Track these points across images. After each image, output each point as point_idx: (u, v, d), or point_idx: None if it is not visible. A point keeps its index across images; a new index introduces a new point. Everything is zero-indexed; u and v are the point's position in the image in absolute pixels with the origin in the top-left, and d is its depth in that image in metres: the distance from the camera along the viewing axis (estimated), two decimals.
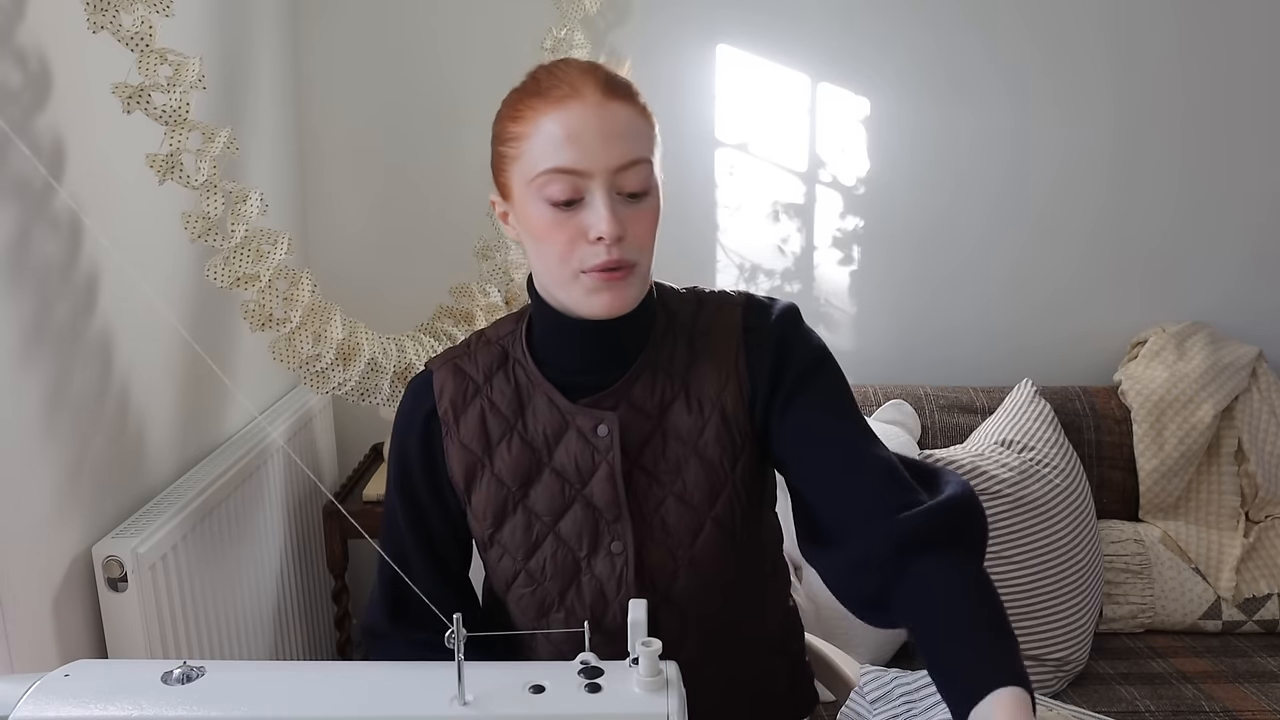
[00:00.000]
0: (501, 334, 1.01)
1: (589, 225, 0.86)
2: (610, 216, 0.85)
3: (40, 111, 1.19)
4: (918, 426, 1.96)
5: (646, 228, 0.89)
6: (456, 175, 2.10)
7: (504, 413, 0.97)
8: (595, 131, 0.85)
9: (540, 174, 0.86)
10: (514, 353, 0.99)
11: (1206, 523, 1.94)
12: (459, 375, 0.98)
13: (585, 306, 0.89)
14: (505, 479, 0.96)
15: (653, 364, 0.96)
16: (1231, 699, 1.65)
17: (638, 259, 0.89)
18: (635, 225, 0.87)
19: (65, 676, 0.71)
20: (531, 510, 0.96)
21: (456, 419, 0.97)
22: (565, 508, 0.95)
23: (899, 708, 1.15)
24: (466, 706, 0.68)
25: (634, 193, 0.87)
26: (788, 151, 2.13)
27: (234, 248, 1.35)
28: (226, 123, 1.45)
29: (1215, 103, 2.12)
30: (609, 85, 0.87)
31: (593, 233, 0.86)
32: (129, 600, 1.27)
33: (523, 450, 0.96)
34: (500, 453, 0.96)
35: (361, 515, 1.82)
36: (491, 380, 0.98)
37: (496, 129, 0.93)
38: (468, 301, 1.88)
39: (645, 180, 0.88)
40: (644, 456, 0.95)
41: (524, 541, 0.96)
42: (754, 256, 2.17)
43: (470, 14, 2.05)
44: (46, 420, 1.20)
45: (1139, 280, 2.20)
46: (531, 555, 0.96)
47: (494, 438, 0.96)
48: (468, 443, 0.97)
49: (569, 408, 0.95)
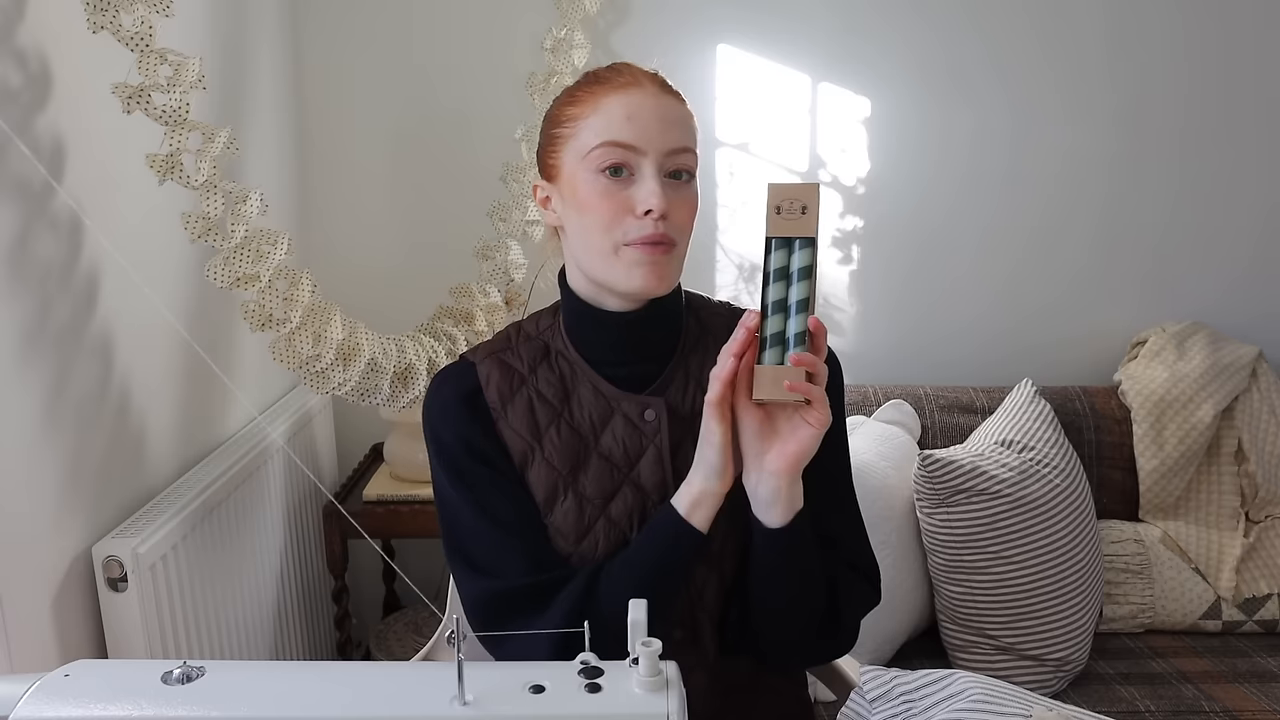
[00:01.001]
0: (541, 329, 1.04)
1: (638, 200, 0.92)
2: (660, 191, 0.91)
3: (40, 111, 1.19)
4: (918, 426, 1.96)
5: (688, 212, 0.95)
6: (457, 175, 2.10)
7: (551, 401, 0.99)
8: (653, 114, 0.92)
9: (597, 146, 0.92)
10: (555, 345, 1.02)
11: (1206, 523, 1.94)
12: (504, 368, 1.01)
13: (625, 281, 0.93)
14: (555, 463, 0.98)
15: (684, 368, 1.01)
16: (1232, 699, 1.65)
17: (678, 239, 0.94)
18: (678, 208, 0.93)
19: (65, 676, 0.71)
20: (582, 494, 0.97)
21: (504, 407, 0.99)
22: (614, 490, 0.97)
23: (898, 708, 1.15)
24: (466, 706, 0.68)
25: (681, 176, 0.94)
26: (788, 151, 2.13)
27: (234, 248, 1.35)
28: (226, 123, 1.45)
29: (1216, 102, 2.12)
30: (666, 84, 0.96)
31: (641, 206, 0.91)
32: (129, 600, 1.27)
33: (571, 435, 0.98)
34: (550, 438, 0.98)
35: (361, 516, 1.82)
36: (537, 372, 1.01)
37: (552, 115, 0.99)
38: (468, 301, 1.88)
39: (691, 169, 0.95)
40: (676, 458, 0.98)
41: (576, 524, 0.97)
42: (754, 256, 2.17)
43: (470, 14, 2.05)
44: (47, 420, 1.20)
45: (1139, 280, 2.20)
46: (584, 538, 0.97)
47: (543, 425, 0.99)
48: (518, 430, 0.99)
49: (614, 394, 0.99)
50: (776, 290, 0.89)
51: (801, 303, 0.88)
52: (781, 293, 0.89)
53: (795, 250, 0.90)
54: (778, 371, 0.86)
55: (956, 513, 1.73)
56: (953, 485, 1.73)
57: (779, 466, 0.89)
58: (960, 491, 1.73)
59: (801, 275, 0.89)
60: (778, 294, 0.89)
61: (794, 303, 0.89)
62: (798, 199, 0.89)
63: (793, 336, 0.88)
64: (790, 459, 0.88)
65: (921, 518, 1.78)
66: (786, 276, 0.90)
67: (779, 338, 0.88)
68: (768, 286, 0.90)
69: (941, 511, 1.74)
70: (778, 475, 0.89)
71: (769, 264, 0.90)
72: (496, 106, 2.05)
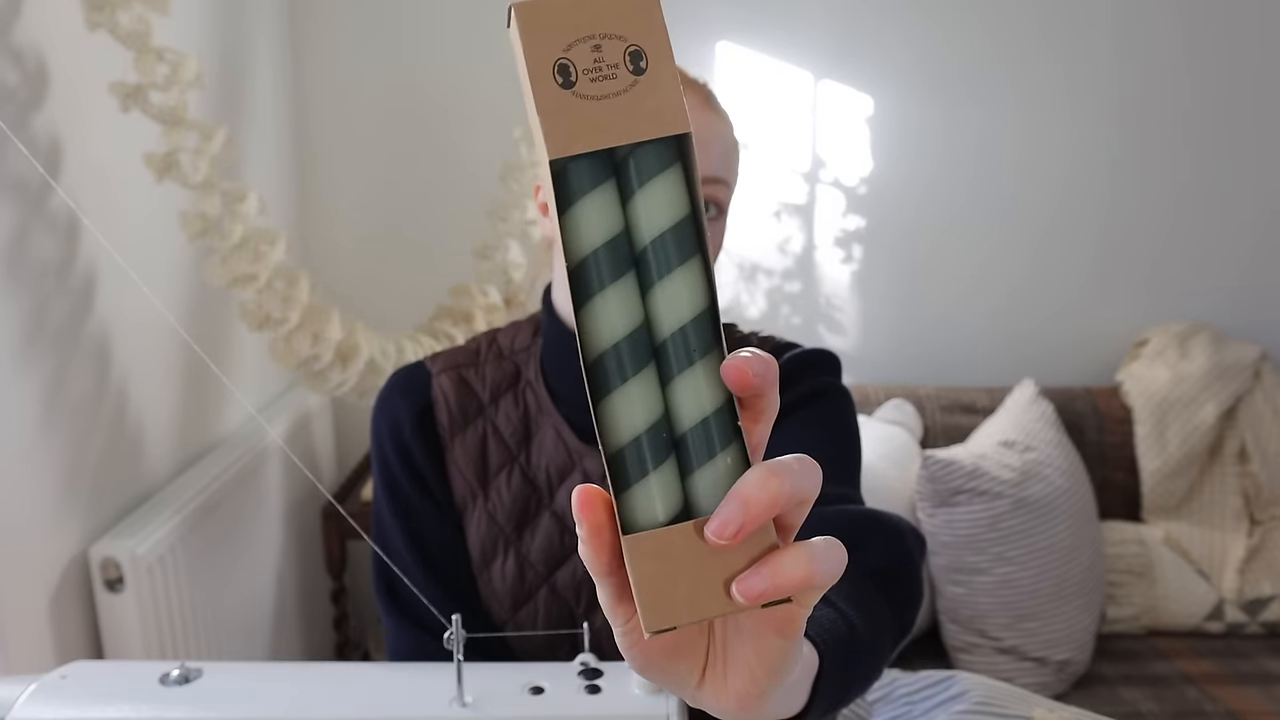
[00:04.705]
0: (517, 348, 0.92)
1: None
2: None
3: (37, 110, 1.18)
4: (919, 427, 1.96)
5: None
6: (456, 175, 2.10)
7: (507, 441, 0.88)
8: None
9: None
10: (527, 373, 0.90)
11: (1210, 524, 1.94)
12: (463, 387, 0.89)
13: None
14: (498, 517, 0.87)
15: None
16: (1235, 701, 1.64)
17: None
18: None
19: (62, 678, 0.70)
20: (525, 556, 0.86)
21: (453, 436, 0.88)
22: (564, 557, 0.86)
23: (899, 708, 1.14)
24: (466, 708, 0.68)
25: (709, 210, 0.80)
26: (789, 150, 2.13)
27: (232, 248, 1.35)
28: (224, 122, 1.44)
29: (1219, 102, 2.11)
30: (711, 99, 0.85)
31: None
32: (126, 601, 1.27)
33: (523, 486, 0.87)
34: (497, 486, 0.87)
35: (360, 516, 1.81)
36: (498, 401, 0.89)
37: None
38: (467, 302, 1.88)
39: (721, 202, 0.84)
40: None
41: (514, 590, 0.87)
42: (755, 256, 2.17)
43: (470, 14, 2.05)
44: (43, 420, 1.20)
45: (1141, 280, 2.19)
46: (522, 606, 0.87)
47: (492, 468, 0.88)
48: (463, 468, 0.88)
49: (578, 447, 0.87)
50: (619, 296, 0.38)
51: (700, 317, 0.39)
52: (629, 299, 0.39)
53: (643, 174, 0.39)
54: (687, 541, 0.37)
55: (958, 513, 1.72)
56: (954, 486, 1.72)
57: (746, 691, 0.43)
58: (962, 492, 1.72)
59: (678, 243, 0.39)
60: (622, 302, 0.38)
61: (682, 316, 0.39)
62: (612, 33, 0.39)
63: (690, 399, 0.38)
64: (761, 680, 0.43)
65: (923, 518, 1.77)
66: (634, 253, 0.39)
67: (651, 424, 0.38)
68: (591, 286, 0.39)
69: (943, 512, 1.74)
70: (751, 702, 0.44)
71: (582, 225, 0.38)
72: (496, 106, 2.05)
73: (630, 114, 0.38)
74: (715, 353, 0.39)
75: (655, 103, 0.38)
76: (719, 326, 0.39)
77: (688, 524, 0.37)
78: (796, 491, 0.37)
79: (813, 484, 0.38)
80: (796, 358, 0.91)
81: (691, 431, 0.38)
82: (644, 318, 0.39)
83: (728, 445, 0.38)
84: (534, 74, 0.38)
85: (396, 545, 0.88)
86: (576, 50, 0.38)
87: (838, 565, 0.38)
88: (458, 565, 0.88)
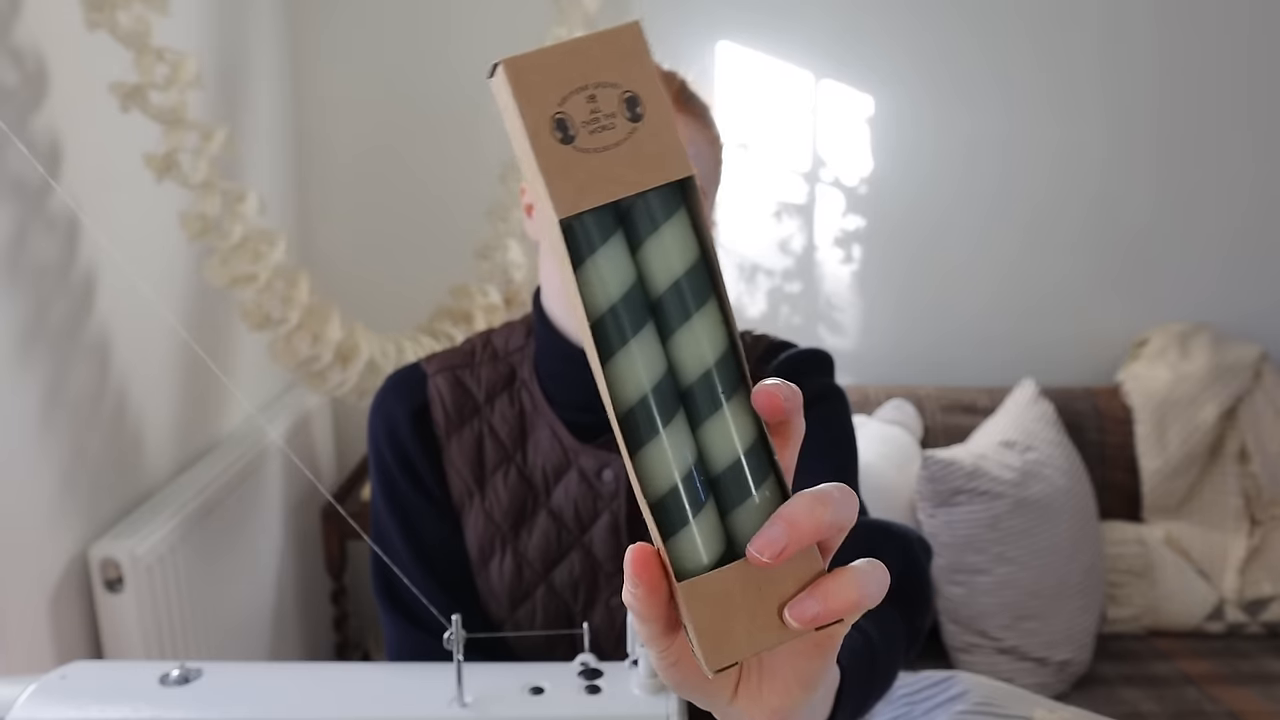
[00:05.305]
0: (511, 349, 0.92)
1: None
2: None
3: (37, 110, 1.18)
4: (919, 427, 1.96)
5: None
6: (455, 175, 2.09)
7: (503, 441, 0.89)
8: None
9: None
10: (521, 373, 0.90)
11: (1210, 524, 1.94)
12: (458, 388, 0.90)
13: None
14: (495, 516, 0.88)
15: None
16: (1235, 701, 1.64)
17: None
18: None
19: (62, 678, 0.70)
20: (522, 555, 0.87)
21: (449, 436, 0.89)
22: (560, 555, 0.87)
23: (899, 708, 1.14)
24: (466, 708, 0.67)
25: None
26: (789, 150, 2.12)
27: (232, 248, 1.35)
28: (224, 122, 1.44)
29: (1222, 101, 2.11)
30: (682, 96, 0.81)
31: None
32: (126, 602, 1.27)
33: (519, 485, 0.88)
34: (494, 485, 0.88)
35: (360, 516, 1.81)
36: (494, 402, 0.89)
37: None
38: (467, 302, 1.88)
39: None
40: (637, 530, 0.86)
41: (512, 587, 0.87)
42: (755, 256, 2.17)
43: (470, 13, 2.05)
44: (43, 420, 1.20)
45: (1142, 280, 2.19)
46: (520, 604, 0.87)
47: (489, 467, 0.88)
48: (459, 467, 0.89)
49: (573, 445, 0.87)
50: (642, 349, 0.39)
51: (724, 358, 0.39)
52: (651, 350, 0.39)
53: (653, 221, 0.39)
54: (739, 578, 0.39)
55: (958, 513, 1.72)
56: (954, 486, 1.72)
57: (780, 705, 0.45)
58: (962, 492, 1.72)
59: (694, 288, 0.39)
60: (646, 354, 0.39)
61: (705, 360, 0.39)
62: (605, 81, 0.37)
63: (723, 445, 0.39)
64: (796, 695, 0.45)
65: (923, 518, 1.77)
66: (650, 300, 0.39)
67: (687, 471, 0.39)
68: (613, 341, 0.39)
69: (943, 512, 1.73)
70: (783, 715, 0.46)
71: (596, 282, 0.39)
72: (495, 106, 2.04)
73: (633, 163, 0.38)
74: (742, 390, 0.40)
75: (656, 148, 0.38)
76: (743, 363, 0.40)
77: (739, 564, 0.39)
78: (838, 520, 0.39)
79: (852, 512, 0.40)
80: (793, 358, 0.91)
81: (727, 471, 0.40)
82: (668, 366, 0.39)
83: (764, 479, 0.40)
84: (532, 131, 0.38)
85: (395, 545, 0.89)
86: (572, 103, 0.38)
87: (883, 586, 0.40)
88: (456, 564, 0.89)
